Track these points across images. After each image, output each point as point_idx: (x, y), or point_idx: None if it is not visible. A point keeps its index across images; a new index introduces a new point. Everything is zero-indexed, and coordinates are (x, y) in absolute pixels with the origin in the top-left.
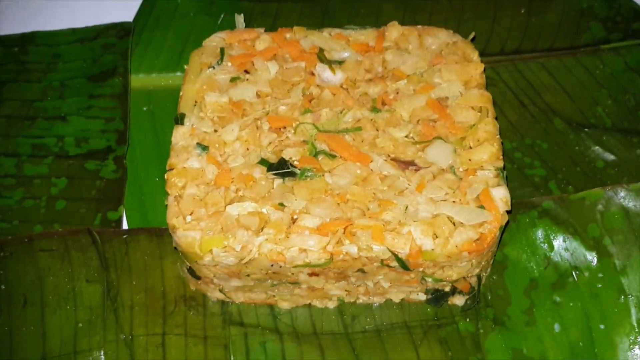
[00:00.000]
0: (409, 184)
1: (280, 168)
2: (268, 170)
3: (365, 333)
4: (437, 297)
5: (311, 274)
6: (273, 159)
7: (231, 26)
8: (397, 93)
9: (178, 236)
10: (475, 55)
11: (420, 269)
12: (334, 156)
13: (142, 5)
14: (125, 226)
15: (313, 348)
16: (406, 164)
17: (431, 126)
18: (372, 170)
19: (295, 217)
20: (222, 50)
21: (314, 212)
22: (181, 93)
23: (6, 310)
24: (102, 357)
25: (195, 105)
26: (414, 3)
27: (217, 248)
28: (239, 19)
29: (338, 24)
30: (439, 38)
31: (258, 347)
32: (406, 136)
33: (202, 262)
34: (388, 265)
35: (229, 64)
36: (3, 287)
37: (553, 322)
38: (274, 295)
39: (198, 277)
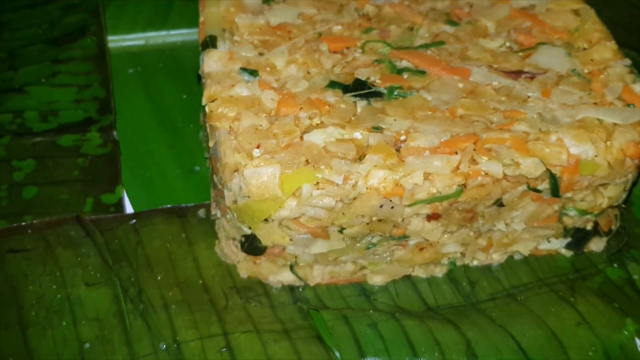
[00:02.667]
0: (530, 93)
1: (360, 89)
2: (345, 93)
3: (496, 300)
4: (578, 239)
5: (431, 217)
6: (344, 82)
7: None
8: (471, 6)
9: (247, 176)
10: None
11: (569, 195)
12: (422, 72)
13: None
14: (129, 209)
15: (441, 324)
16: (516, 74)
17: (528, 34)
18: (475, 82)
19: (402, 138)
20: None
21: (421, 130)
22: (201, 19)
23: None
24: None
25: (224, 31)
26: None
27: (309, 184)
28: None
29: None
30: None
31: (368, 330)
32: (500, 46)
33: (279, 216)
34: (535, 190)
35: None
36: None
37: None
38: (363, 268)
39: (261, 252)
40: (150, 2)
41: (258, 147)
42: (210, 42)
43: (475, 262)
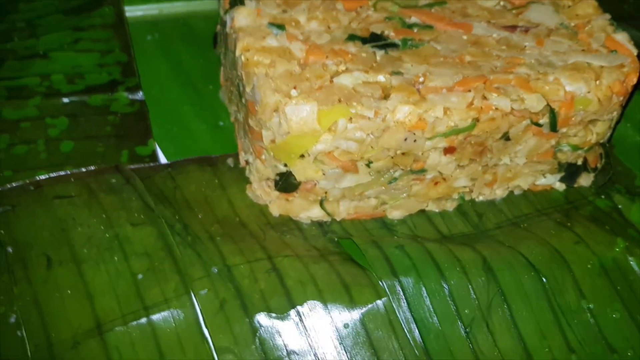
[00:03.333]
0: (526, 43)
1: (377, 41)
2: (364, 44)
3: (502, 228)
4: (571, 172)
5: (447, 150)
6: (362, 35)
7: None
8: None
9: (287, 112)
10: None
11: (564, 130)
12: (429, 27)
13: None
14: (162, 160)
15: (459, 245)
16: (512, 28)
17: None
18: (476, 34)
19: (420, 80)
20: None
21: (437, 73)
22: None
23: (23, 276)
24: (194, 299)
25: None
26: None
27: (343, 118)
28: None
29: None
30: None
31: (396, 251)
32: (495, 5)
33: (315, 150)
34: (536, 124)
35: None
36: (10, 249)
37: None
38: (384, 203)
39: (295, 188)
40: None
41: (294, 88)
42: (238, 0)
43: (480, 197)
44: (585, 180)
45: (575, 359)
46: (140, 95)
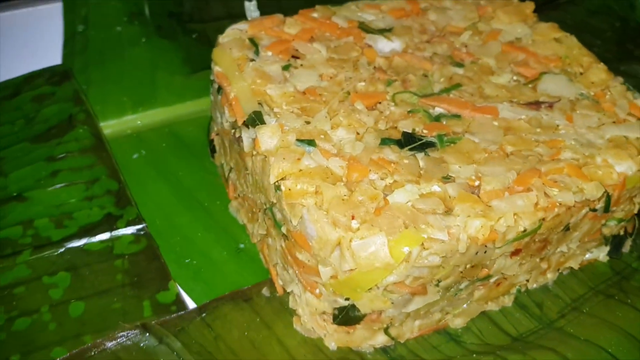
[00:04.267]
0: (557, 121)
1: (412, 142)
2: (402, 148)
3: (566, 316)
4: (616, 244)
5: (513, 253)
6: (393, 137)
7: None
8: (466, 46)
9: (355, 249)
10: None
11: (615, 208)
12: (457, 116)
13: (66, 43)
14: (190, 304)
15: (540, 351)
16: (536, 105)
17: (527, 65)
18: (505, 118)
19: (476, 184)
20: (252, 41)
21: (489, 173)
22: (232, 95)
23: None
24: None
25: (260, 104)
26: None
27: (415, 247)
28: (251, 6)
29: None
30: None
31: None
32: (509, 81)
33: (386, 282)
34: (593, 209)
35: (269, 53)
36: None
37: None
38: (446, 314)
39: (358, 321)
40: (131, 81)
41: (353, 217)
42: (256, 118)
43: (534, 285)
44: (625, 247)
45: None
46: (144, 227)
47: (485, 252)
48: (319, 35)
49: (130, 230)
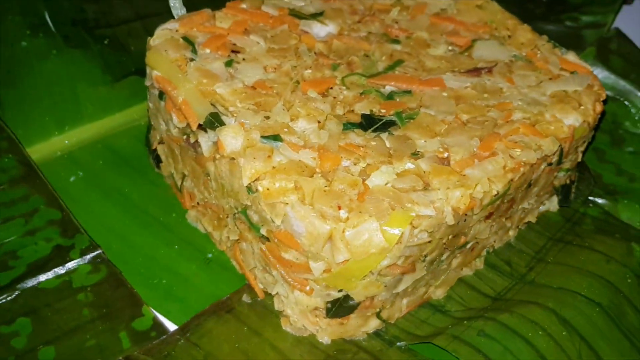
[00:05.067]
0: (499, 84)
1: (374, 123)
2: (365, 130)
3: (534, 269)
4: (565, 193)
5: (487, 217)
6: (353, 120)
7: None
8: (397, 22)
9: (349, 238)
10: None
11: (565, 160)
12: (408, 92)
13: None
14: (170, 326)
15: (524, 306)
16: (476, 71)
17: (458, 34)
18: (452, 88)
19: (445, 155)
20: (187, 40)
21: (454, 143)
22: (180, 99)
23: None
24: None
25: (212, 104)
26: None
27: (407, 226)
28: (177, 4)
29: None
30: None
31: (482, 340)
32: (445, 52)
33: (380, 266)
34: (549, 164)
35: (207, 50)
36: None
37: None
38: (429, 287)
39: (351, 310)
40: (50, 99)
41: (339, 207)
42: (214, 120)
43: (499, 244)
44: (573, 194)
45: None
46: (100, 254)
47: (465, 220)
48: (253, 26)
49: (86, 259)
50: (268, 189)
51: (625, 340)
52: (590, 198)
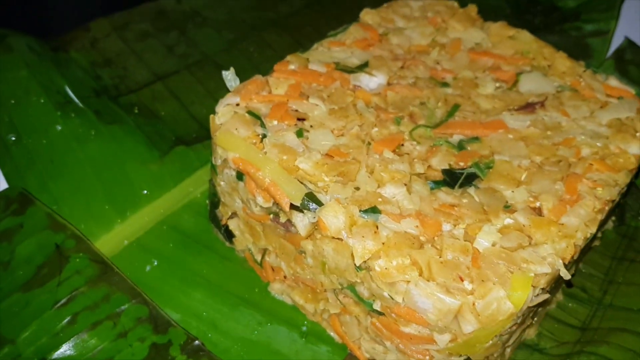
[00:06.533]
0: (555, 118)
1: (457, 178)
2: (452, 188)
3: (608, 292)
4: (621, 213)
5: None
6: (433, 177)
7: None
8: (439, 63)
9: (480, 311)
10: (455, 3)
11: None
12: (476, 138)
13: (1, 160)
14: None
15: (626, 336)
16: (530, 107)
17: (500, 69)
18: (515, 129)
19: (537, 205)
20: (253, 114)
21: (540, 190)
22: (267, 180)
23: None
24: None
25: (301, 182)
26: None
27: (528, 289)
28: (230, 75)
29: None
30: (409, 6)
31: None
32: (494, 90)
33: (505, 329)
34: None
35: (274, 122)
36: None
37: None
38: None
39: None
40: (104, 185)
41: (461, 279)
42: (312, 200)
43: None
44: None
45: None
46: (199, 345)
47: (568, 267)
48: (307, 88)
49: (187, 354)
50: (386, 269)
51: None
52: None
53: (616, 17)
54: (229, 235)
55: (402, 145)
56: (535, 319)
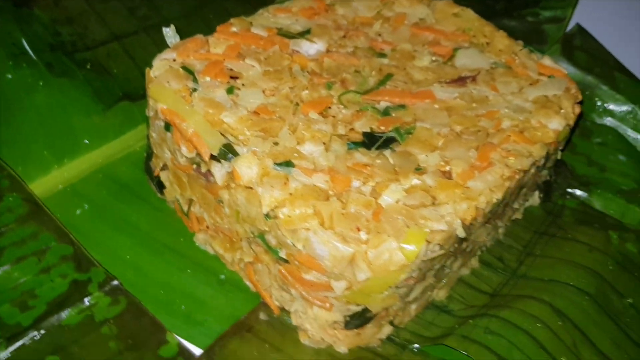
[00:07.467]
0: (484, 93)
1: (376, 141)
2: (369, 149)
3: (524, 263)
4: (547, 189)
5: (487, 221)
6: (354, 139)
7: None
8: (380, 35)
9: (372, 259)
10: None
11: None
12: (402, 106)
13: None
14: (195, 349)
15: (521, 300)
16: (461, 81)
17: (439, 44)
18: (442, 99)
19: (447, 169)
20: (187, 69)
21: (453, 156)
22: (190, 131)
23: None
24: None
25: (222, 134)
26: None
27: (423, 243)
28: (170, 32)
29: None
30: None
31: (489, 336)
32: (430, 63)
33: (400, 281)
34: (538, 167)
35: (207, 78)
36: None
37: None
38: (433, 289)
39: (369, 321)
40: (45, 132)
41: (358, 229)
42: (228, 150)
43: (489, 243)
44: (552, 189)
45: None
46: (118, 285)
47: (469, 228)
48: (246, 50)
49: (104, 292)
50: (289, 216)
51: (612, 324)
52: (568, 190)
53: (573, 5)
54: (161, 186)
55: (330, 108)
56: (445, 280)
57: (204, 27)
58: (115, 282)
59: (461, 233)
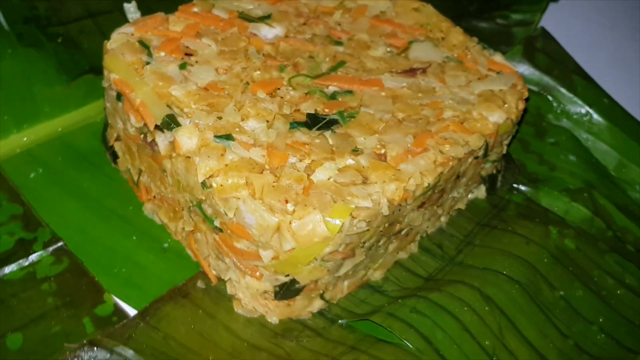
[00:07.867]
0: (432, 84)
1: (318, 122)
2: (310, 129)
3: (463, 251)
4: (492, 182)
5: (419, 206)
6: (298, 119)
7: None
8: (340, 25)
9: (295, 229)
10: None
11: (490, 153)
12: (349, 92)
13: None
14: (131, 311)
15: (452, 285)
16: (412, 72)
17: (395, 36)
18: (390, 88)
19: (383, 152)
20: (143, 43)
21: (390, 140)
22: (138, 101)
23: None
24: None
25: (168, 106)
26: None
27: (347, 217)
28: (132, 8)
29: None
30: None
31: (414, 316)
32: (384, 54)
33: (323, 254)
34: (476, 157)
35: (162, 54)
36: None
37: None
38: (368, 269)
39: (297, 293)
40: (7, 98)
41: (286, 201)
42: (171, 121)
43: (432, 229)
44: (499, 183)
45: (572, 342)
46: (62, 246)
47: (399, 210)
48: (205, 30)
49: (48, 251)
50: (221, 185)
51: (541, 314)
52: (515, 186)
53: (542, 9)
54: (115, 156)
55: (279, 89)
56: (381, 261)
57: (174, 9)
58: (60, 243)
59: (385, 211)
